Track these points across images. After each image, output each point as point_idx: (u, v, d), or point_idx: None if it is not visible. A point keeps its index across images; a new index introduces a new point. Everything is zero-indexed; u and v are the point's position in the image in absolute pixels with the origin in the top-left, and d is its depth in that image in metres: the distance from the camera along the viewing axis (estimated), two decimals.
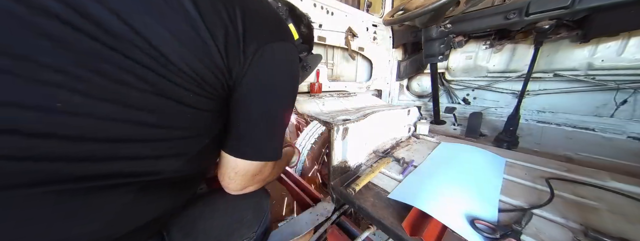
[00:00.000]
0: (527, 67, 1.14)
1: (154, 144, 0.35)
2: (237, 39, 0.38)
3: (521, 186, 0.74)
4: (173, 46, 0.32)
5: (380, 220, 0.59)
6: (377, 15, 1.62)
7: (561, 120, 1.25)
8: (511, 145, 1.20)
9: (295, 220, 0.76)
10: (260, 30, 0.41)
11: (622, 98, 1.10)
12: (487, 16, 1.25)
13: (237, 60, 0.38)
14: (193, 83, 0.35)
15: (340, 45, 1.36)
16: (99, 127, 0.29)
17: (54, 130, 0.27)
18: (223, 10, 0.36)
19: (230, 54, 0.37)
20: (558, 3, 1.01)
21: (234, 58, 0.38)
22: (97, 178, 0.31)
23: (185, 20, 0.33)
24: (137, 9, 0.30)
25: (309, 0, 1.15)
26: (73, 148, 0.28)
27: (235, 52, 0.38)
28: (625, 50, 1.02)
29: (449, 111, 1.59)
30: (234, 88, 0.41)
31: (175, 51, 0.32)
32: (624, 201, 0.65)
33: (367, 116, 0.87)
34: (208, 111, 0.40)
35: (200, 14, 0.34)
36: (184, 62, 0.33)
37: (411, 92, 2.02)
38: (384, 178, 0.80)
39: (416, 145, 1.13)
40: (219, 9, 0.36)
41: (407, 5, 1.25)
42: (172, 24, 0.32)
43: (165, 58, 0.32)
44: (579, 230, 0.54)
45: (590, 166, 0.87)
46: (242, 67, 0.40)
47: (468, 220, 0.55)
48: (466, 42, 1.47)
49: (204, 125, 0.41)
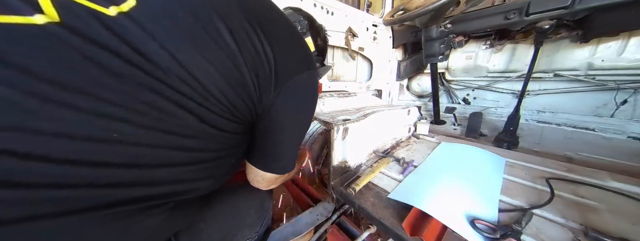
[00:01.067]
0: (527, 67, 1.13)
1: (191, 167, 0.37)
2: (270, 71, 0.41)
3: (521, 186, 0.74)
4: (214, 78, 0.35)
5: (380, 220, 0.59)
6: (377, 15, 1.62)
7: (561, 120, 1.25)
8: (511, 145, 1.20)
9: (295, 220, 0.76)
10: (288, 62, 0.44)
11: (622, 98, 1.10)
12: (487, 16, 1.25)
13: (268, 91, 0.42)
14: (227, 111, 0.38)
15: (341, 45, 1.36)
16: (146, 154, 0.31)
17: (110, 159, 0.28)
18: (256, 41, 0.39)
19: (262, 85, 0.40)
20: (558, 3, 1.01)
21: (266, 89, 0.41)
22: (142, 200, 0.33)
23: (225, 52, 0.35)
24: (184, 43, 0.32)
25: (309, 0, 1.15)
26: (126, 175, 0.30)
27: (267, 83, 0.41)
28: (625, 50, 1.02)
29: (449, 111, 1.59)
30: (262, 116, 0.44)
31: (215, 82, 0.35)
32: (624, 201, 0.65)
33: (367, 116, 0.87)
34: (237, 134, 0.43)
35: (238, 46, 0.36)
36: (222, 93, 0.36)
37: (411, 92, 2.02)
38: (384, 178, 0.80)
39: (416, 145, 1.13)
40: (253, 41, 0.38)
41: (407, 5, 1.25)
42: (213, 56, 0.34)
43: (205, 89, 0.34)
44: (579, 230, 0.54)
45: (590, 166, 0.87)
46: (272, 97, 0.43)
47: (468, 220, 0.55)
48: (466, 42, 1.47)
49: (232, 146, 0.45)
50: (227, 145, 0.43)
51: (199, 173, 0.40)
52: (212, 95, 0.35)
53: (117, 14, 0.28)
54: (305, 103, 0.51)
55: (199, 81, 0.33)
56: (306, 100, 0.51)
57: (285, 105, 0.45)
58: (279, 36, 0.43)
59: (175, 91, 0.32)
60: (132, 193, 0.31)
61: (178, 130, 0.33)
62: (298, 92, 0.47)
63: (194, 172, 0.38)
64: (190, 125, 0.34)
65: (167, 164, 0.34)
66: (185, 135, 0.35)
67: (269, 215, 0.65)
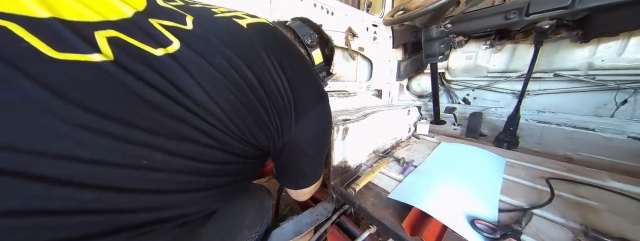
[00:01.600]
0: (527, 67, 1.13)
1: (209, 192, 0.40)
2: (289, 107, 0.45)
3: (521, 186, 0.74)
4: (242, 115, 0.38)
5: (380, 220, 0.59)
6: (377, 15, 1.62)
7: (561, 120, 1.24)
8: (511, 145, 1.20)
9: (295, 220, 0.76)
10: (304, 98, 0.48)
11: (622, 98, 1.10)
12: (487, 16, 1.24)
13: (288, 126, 0.46)
14: (248, 142, 0.42)
15: (341, 45, 1.36)
16: (171, 180, 0.33)
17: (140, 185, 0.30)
18: (278, 79, 0.42)
19: (283, 121, 0.44)
20: (558, 3, 1.01)
21: (286, 124, 0.45)
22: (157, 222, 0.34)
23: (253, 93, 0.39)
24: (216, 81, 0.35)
25: (309, 0, 1.15)
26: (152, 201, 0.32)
27: (287, 119, 0.45)
28: (625, 50, 1.02)
29: (449, 111, 1.59)
30: (283, 148, 0.49)
31: (242, 118, 0.39)
32: (624, 201, 0.65)
33: (367, 116, 0.87)
34: (256, 159, 0.48)
35: (262, 85, 0.40)
36: (246, 127, 0.40)
37: (411, 92, 2.02)
38: (384, 178, 0.80)
39: (416, 145, 1.13)
40: (275, 79, 0.42)
41: (407, 5, 1.24)
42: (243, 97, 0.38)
43: (233, 123, 0.37)
44: (579, 230, 0.54)
45: (590, 166, 0.86)
46: (292, 131, 0.47)
47: (468, 220, 0.55)
48: (466, 42, 1.47)
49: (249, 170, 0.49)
50: (244, 171, 0.47)
51: (216, 197, 0.43)
52: (238, 128, 0.38)
53: (163, 54, 0.31)
54: (322, 131, 0.57)
55: (227, 114, 0.36)
56: (322, 129, 0.57)
57: (304, 136, 0.50)
58: (293, 70, 0.46)
59: (204, 122, 0.34)
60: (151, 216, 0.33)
61: (204, 157, 0.36)
62: (315, 124, 0.52)
63: (210, 197, 0.41)
64: (214, 154, 0.37)
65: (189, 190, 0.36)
66: (209, 162, 0.37)
67: (269, 215, 0.65)
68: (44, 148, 0.24)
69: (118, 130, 0.27)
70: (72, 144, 0.25)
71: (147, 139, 0.30)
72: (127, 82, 0.28)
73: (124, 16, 0.31)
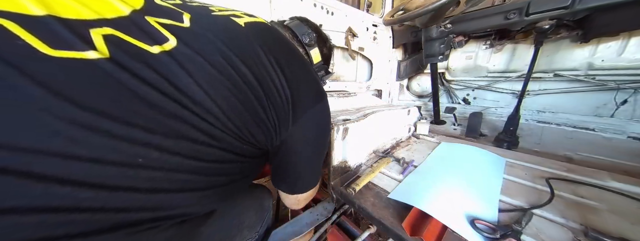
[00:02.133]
0: (527, 67, 1.13)
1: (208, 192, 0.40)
2: (287, 106, 0.44)
3: (521, 186, 0.74)
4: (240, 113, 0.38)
5: (380, 220, 0.59)
6: (377, 15, 1.61)
7: (561, 120, 1.24)
8: (511, 145, 1.20)
9: (295, 220, 0.76)
10: (303, 97, 0.47)
11: (622, 98, 1.10)
12: (487, 16, 1.24)
13: (285, 124, 0.45)
14: (246, 140, 0.42)
15: (341, 45, 1.36)
16: (168, 179, 0.33)
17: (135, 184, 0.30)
18: (275, 77, 0.42)
19: (281, 119, 0.44)
20: (558, 3, 1.01)
21: (283, 122, 0.45)
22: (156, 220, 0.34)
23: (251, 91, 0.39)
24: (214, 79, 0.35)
25: (309, 0, 1.15)
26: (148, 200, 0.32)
27: (284, 117, 0.45)
28: (625, 50, 1.02)
29: (449, 111, 1.59)
30: (280, 146, 0.48)
31: (240, 116, 0.38)
32: (624, 201, 0.65)
33: (367, 116, 0.87)
34: (254, 158, 0.48)
35: (260, 83, 0.40)
36: (244, 124, 0.40)
37: (411, 92, 2.02)
38: (384, 178, 0.80)
39: (416, 145, 1.13)
40: (272, 77, 0.42)
41: (407, 5, 1.24)
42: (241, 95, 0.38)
43: (231, 122, 0.37)
44: (579, 230, 0.54)
45: (590, 166, 0.86)
46: (290, 130, 0.46)
47: (468, 220, 0.55)
48: (466, 42, 1.46)
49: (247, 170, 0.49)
50: (243, 170, 0.47)
51: (214, 197, 0.42)
52: (236, 127, 0.38)
53: (159, 52, 0.31)
54: (320, 132, 0.56)
55: (225, 113, 0.36)
56: (321, 129, 0.56)
57: (302, 136, 0.49)
58: (292, 69, 0.46)
59: (203, 120, 0.34)
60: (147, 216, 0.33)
61: (202, 156, 0.36)
62: (314, 124, 0.51)
63: (208, 197, 0.41)
64: (213, 152, 0.37)
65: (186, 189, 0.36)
66: (208, 160, 0.37)
67: (269, 215, 0.65)
68: (44, 147, 0.24)
69: (114, 128, 0.27)
70: (68, 142, 0.25)
71: (144, 137, 0.29)
72: (123, 79, 0.28)
73: (121, 14, 0.31)
